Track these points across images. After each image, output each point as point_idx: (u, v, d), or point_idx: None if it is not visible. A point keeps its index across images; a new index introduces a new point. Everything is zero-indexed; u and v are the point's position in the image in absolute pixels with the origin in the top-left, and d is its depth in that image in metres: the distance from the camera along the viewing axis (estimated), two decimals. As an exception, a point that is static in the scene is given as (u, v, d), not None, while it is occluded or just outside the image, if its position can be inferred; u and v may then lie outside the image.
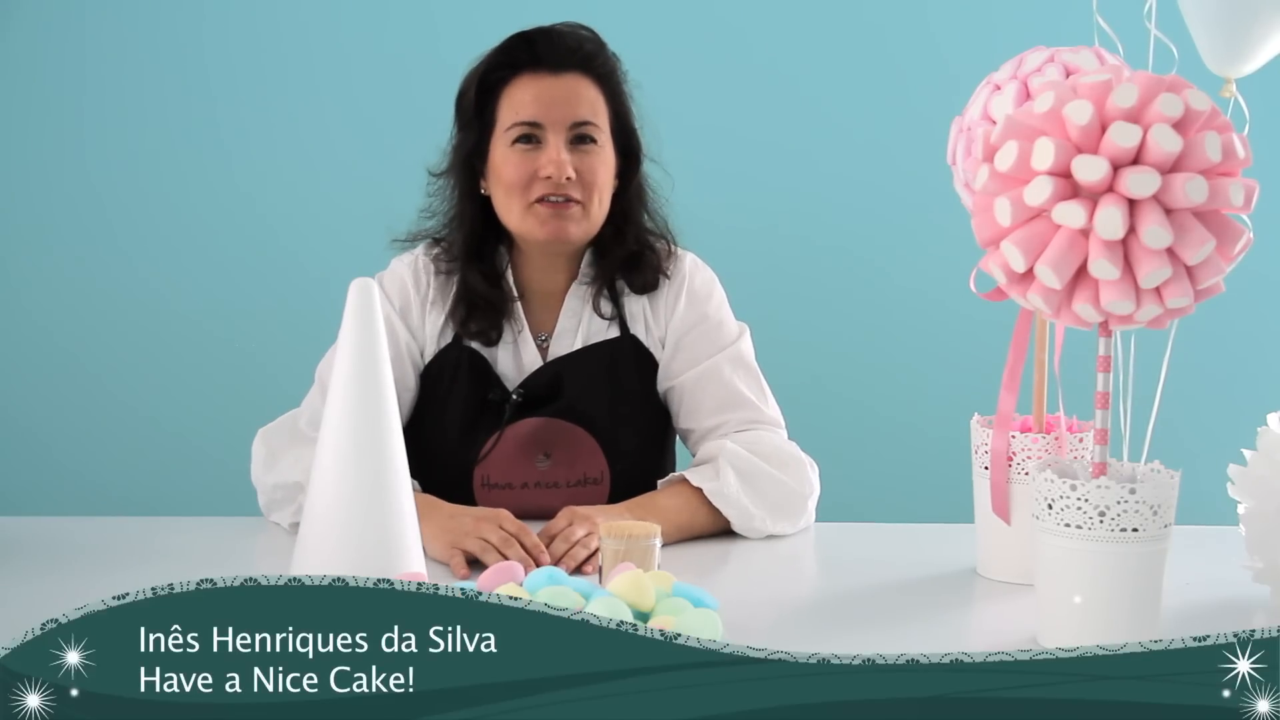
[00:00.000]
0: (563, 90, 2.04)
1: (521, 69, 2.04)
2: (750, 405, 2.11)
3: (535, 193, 2.03)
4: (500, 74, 2.05)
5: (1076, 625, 1.52)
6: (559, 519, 1.88)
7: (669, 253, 2.15)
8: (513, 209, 2.05)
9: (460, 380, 2.09)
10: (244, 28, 3.23)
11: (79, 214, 3.24)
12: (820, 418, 2.80)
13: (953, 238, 2.45)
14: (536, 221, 2.04)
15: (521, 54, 2.05)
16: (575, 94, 2.04)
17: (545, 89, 2.03)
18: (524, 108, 2.03)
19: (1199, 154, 1.41)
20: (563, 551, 1.82)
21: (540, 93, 2.03)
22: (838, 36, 3.28)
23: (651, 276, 2.12)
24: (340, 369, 1.64)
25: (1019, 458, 1.77)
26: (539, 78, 2.04)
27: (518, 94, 2.04)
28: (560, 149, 2.02)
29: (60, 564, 1.83)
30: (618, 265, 2.12)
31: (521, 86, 2.04)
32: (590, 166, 2.04)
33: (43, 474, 3.25)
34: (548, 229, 2.04)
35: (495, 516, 1.85)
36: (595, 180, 2.05)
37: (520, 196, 2.04)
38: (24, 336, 3.26)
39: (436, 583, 1.26)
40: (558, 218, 2.04)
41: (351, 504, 1.62)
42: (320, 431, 1.65)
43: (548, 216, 2.04)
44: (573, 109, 2.04)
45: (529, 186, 2.03)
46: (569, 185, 2.02)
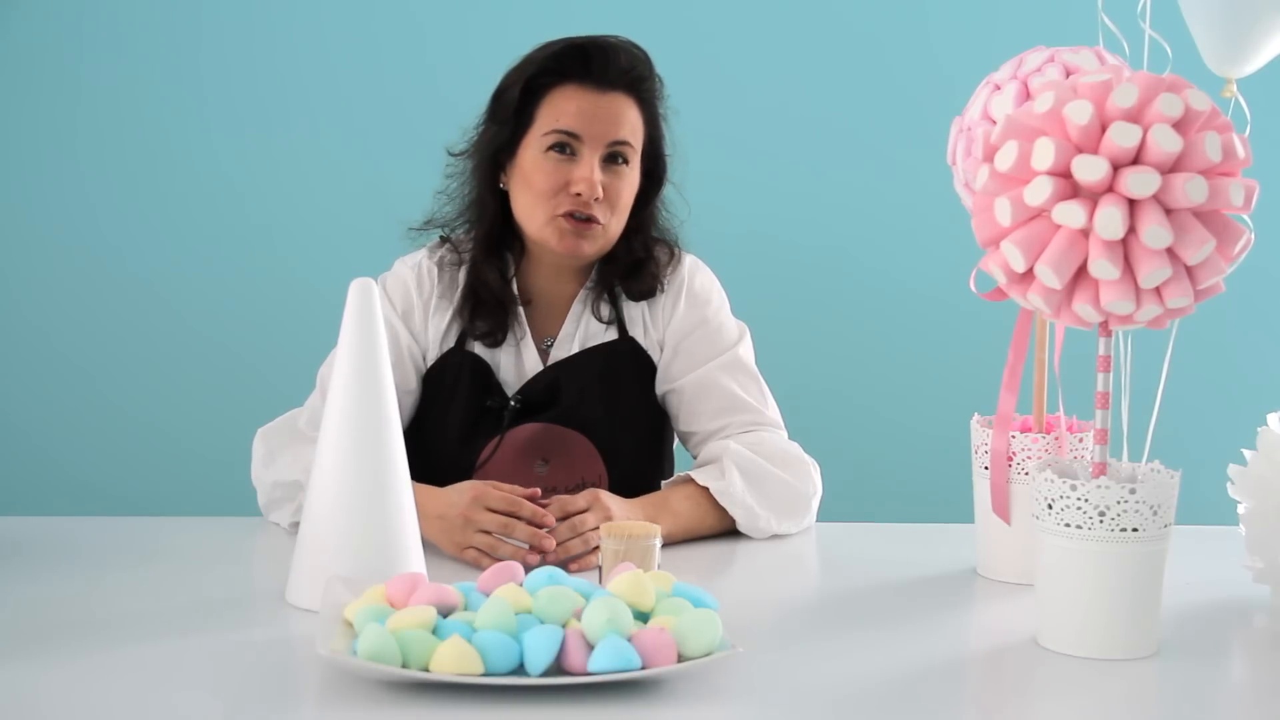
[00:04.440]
0: (606, 108, 2.04)
1: (570, 78, 2.04)
2: (751, 408, 2.11)
3: (562, 206, 2.03)
4: (548, 79, 2.05)
5: (1077, 625, 1.52)
6: (580, 498, 1.87)
7: (670, 260, 2.15)
8: (536, 216, 2.05)
9: (462, 385, 2.09)
10: (243, 29, 3.23)
11: (80, 215, 3.25)
12: (821, 418, 2.81)
13: (953, 238, 2.45)
14: (556, 233, 2.04)
15: (573, 63, 2.04)
16: (618, 114, 2.04)
17: (590, 104, 2.03)
18: (565, 117, 2.03)
19: (1199, 154, 1.41)
20: (566, 537, 1.83)
21: (584, 106, 2.03)
22: (838, 37, 3.28)
23: (649, 285, 2.12)
24: (340, 369, 1.64)
25: (1019, 458, 1.77)
26: (585, 91, 2.03)
27: (562, 102, 2.04)
28: (594, 166, 2.02)
29: (60, 564, 1.83)
30: (619, 272, 2.12)
31: (566, 95, 2.04)
32: (618, 188, 2.05)
33: (43, 474, 3.25)
34: (565, 244, 2.04)
35: (478, 500, 1.83)
36: (619, 201, 2.06)
37: (546, 205, 2.04)
38: (24, 337, 3.26)
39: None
40: (577, 235, 2.04)
41: (351, 504, 1.62)
42: (320, 431, 1.65)
43: (568, 232, 2.04)
44: (614, 128, 2.04)
45: (556, 197, 2.03)
46: (596, 205, 2.03)
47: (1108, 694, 1.43)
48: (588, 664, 1.38)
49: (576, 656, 1.39)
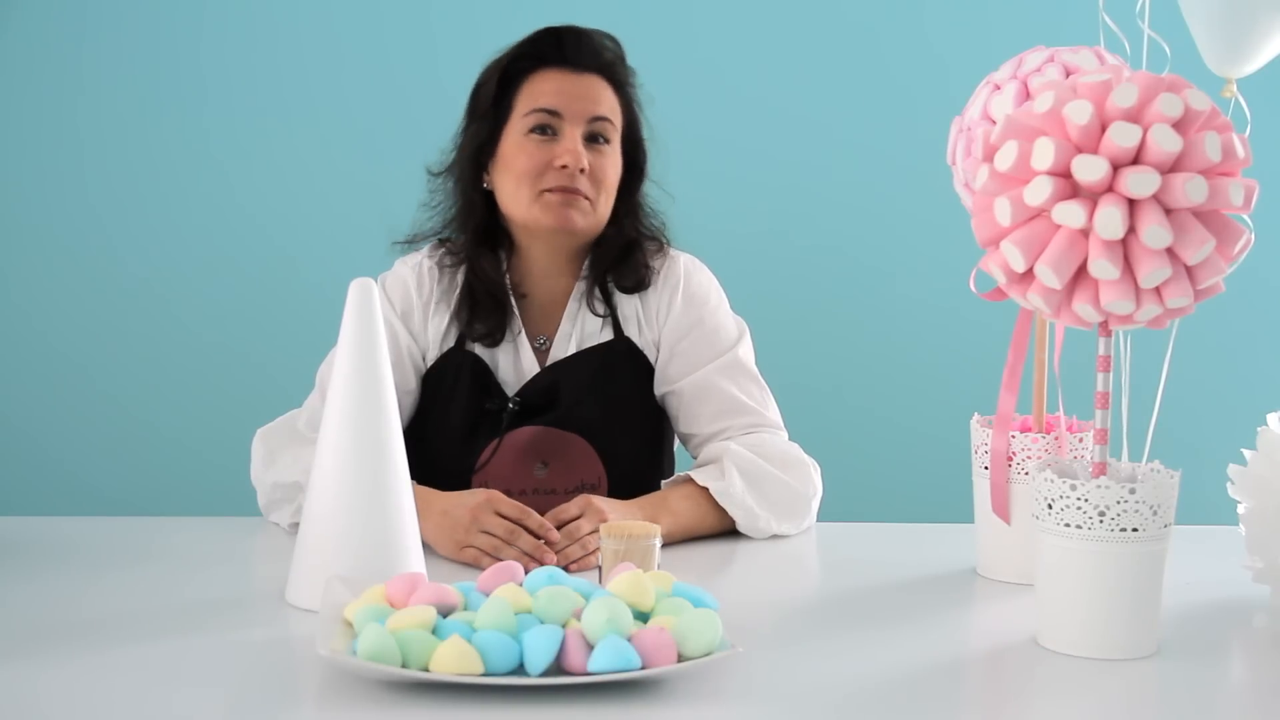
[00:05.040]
0: (583, 87, 2.07)
1: (546, 63, 2.08)
2: (751, 410, 2.11)
3: (547, 182, 2.05)
4: (524, 64, 2.09)
5: (1077, 626, 1.52)
6: (572, 506, 1.88)
7: (659, 250, 2.16)
8: (521, 197, 2.06)
9: (461, 385, 2.09)
10: (243, 27, 3.23)
11: (80, 215, 3.25)
12: (821, 418, 2.81)
13: (953, 238, 2.45)
14: (544, 209, 2.05)
15: (548, 48, 2.08)
16: (596, 92, 2.08)
17: (567, 83, 2.07)
18: (544, 97, 2.06)
19: (1199, 154, 1.41)
20: (564, 545, 1.83)
21: (562, 85, 2.07)
22: (838, 37, 3.28)
23: (640, 274, 2.12)
24: (340, 368, 1.64)
25: (1019, 458, 1.77)
26: (562, 73, 2.07)
27: (539, 84, 2.07)
28: (577, 140, 2.06)
29: (60, 564, 1.83)
30: (610, 260, 2.12)
31: (544, 78, 2.08)
32: (602, 165, 2.07)
33: (43, 474, 3.25)
34: (555, 216, 2.05)
35: (489, 503, 1.84)
36: (605, 179, 2.07)
37: (531, 185, 2.05)
38: (24, 338, 3.26)
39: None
40: (566, 205, 2.05)
41: (351, 504, 1.62)
42: (320, 431, 1.65)
43: (556, 204, 2.05)
44: (592, 104, 2.07)
45: (541, 175, 2.05)
46: (581, 178, 2.04)
47: (1108, 694, 1.43)
48: (588, 664, 1.38)
49: (576, 656, 1.39)
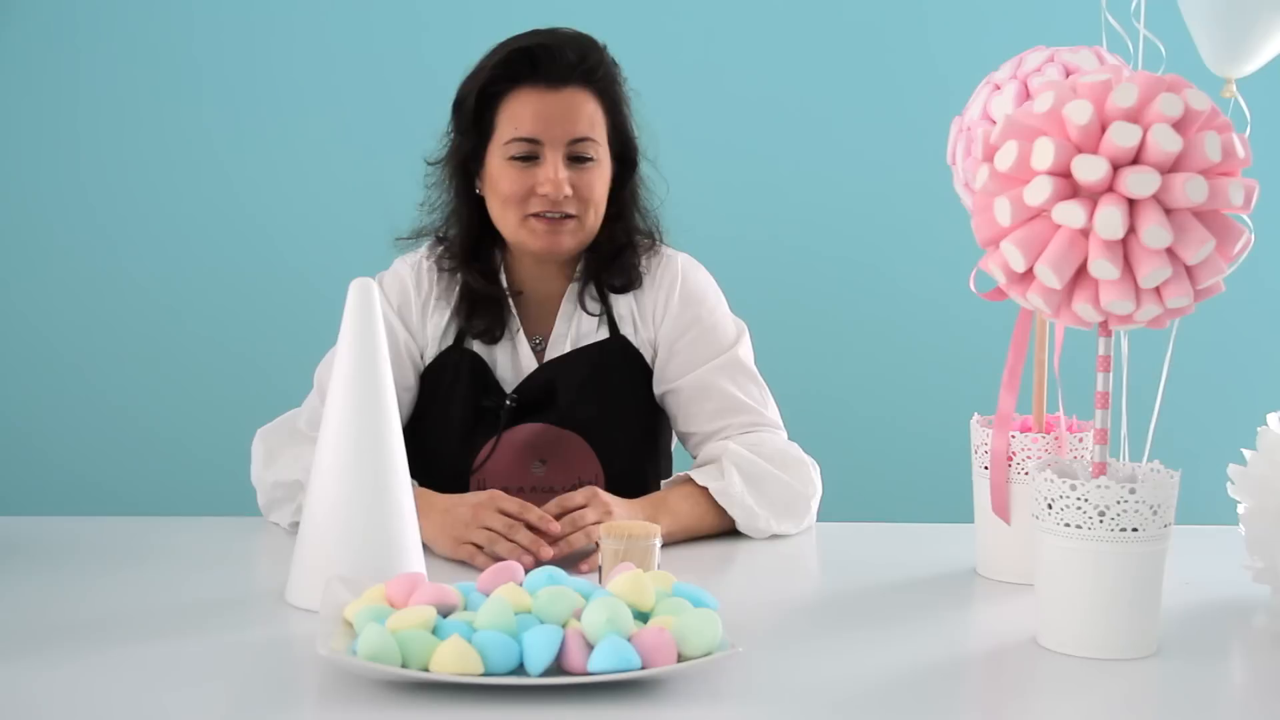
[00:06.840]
0: (562, 106, 2.03)
1: (521, 82, 2.03)
2: (750, 409, 2.11)
3: (532, 207, 2.04)
4: (499, 86, 2.04)
5: (1077, 625, 1.52)
6: (578, 495, 1.88)
7: (651, 248, 2.15)
8: (508, 220, 2.06)
9: (460, 383, 2.09)
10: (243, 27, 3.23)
11: (79, 215, 3.24)
12: (820, 418, 2.81)
13: (953, 238, 2.45)
14: (531, 234, 2.05)
15: (522, 67, 2.04)
16: (574, 109, 2.04)
17: (545, 104, 2.03)
18: (523, 123, 2.03)
19: (1199, 154, 1.41)
20: (568, 532, 1.83)
21: (540, 108, 2.03)
22: (838, 37, 3.27)
23: (629, 275, 2.12)
24: (340, 368, 1.64)
25: (1019, 458, 1.77)
26: (538, 92, 2.03)
27: (517, 108, 2.03)
28: (558, 166, 2.02)
29: (60, 564, 1.83)
30: (603, 262, 2.12)
31: (520, 100, 2.03)
32: (587, 183, 2.05)
33: (43, 474, 3.25)
34: (542, 242, 2.05)
35: (491, 500, 1.84)
36: (592, 195, 2.05)
37: (516, 210, 2.04)
38: (23, 337, 3.25)
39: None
40: (553, 232, 2.04)
41: (351, 504, 1.62)
42: (320, 431, 1.65)
43: (543, 231, 2.04)
44: (571, 125, 2.03)
45: (525, 200, 2.04)
46: (565, 202, 2.03)
47: (1108, 694, 1.43)
48: (587, 664, 1.38)
49: (576, 656, 1.39)
